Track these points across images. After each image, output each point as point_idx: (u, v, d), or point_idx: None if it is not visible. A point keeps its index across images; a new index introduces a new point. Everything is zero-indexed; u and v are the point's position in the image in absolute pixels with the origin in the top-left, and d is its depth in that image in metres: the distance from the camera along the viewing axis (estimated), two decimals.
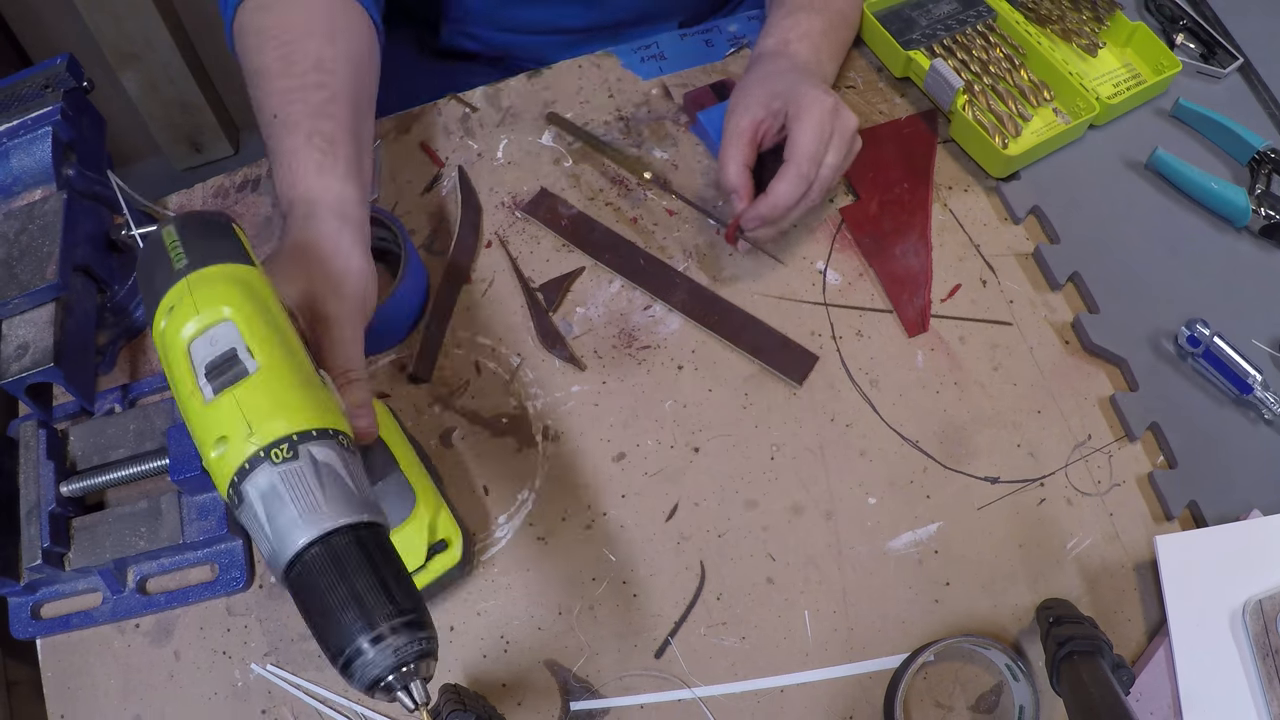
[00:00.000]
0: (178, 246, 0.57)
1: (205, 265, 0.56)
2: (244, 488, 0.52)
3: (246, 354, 0.54)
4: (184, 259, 0.57)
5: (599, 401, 0.87)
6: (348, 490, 0.52)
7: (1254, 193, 0.97)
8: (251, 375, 0.53)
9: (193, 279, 0.56)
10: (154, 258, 0.58)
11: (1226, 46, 1.09)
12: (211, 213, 0.60)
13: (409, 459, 0.77)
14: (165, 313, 0.56)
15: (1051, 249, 0.94)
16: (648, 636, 0.78)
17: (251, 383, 0.53)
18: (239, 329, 0.54)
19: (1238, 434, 0.86)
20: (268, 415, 0.52)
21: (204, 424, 0.53)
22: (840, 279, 0.93)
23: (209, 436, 0.53)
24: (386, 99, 1.08)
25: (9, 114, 0.84)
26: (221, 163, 2.36)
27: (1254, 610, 0.75)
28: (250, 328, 0.55)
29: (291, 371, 0.55)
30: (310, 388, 0.55)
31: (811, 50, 0.95)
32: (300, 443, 0.52)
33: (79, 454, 0.82)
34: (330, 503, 0.51)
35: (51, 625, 0.79)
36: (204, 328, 0.54)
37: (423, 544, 0.74)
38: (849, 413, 0.87)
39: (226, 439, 0.52)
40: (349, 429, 0.56)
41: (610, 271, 0.93)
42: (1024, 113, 1.00)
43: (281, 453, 0.52)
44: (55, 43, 2.05)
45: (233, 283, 0.56)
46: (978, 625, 0.79)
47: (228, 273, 0.57)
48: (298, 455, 0.52)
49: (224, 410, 0.53)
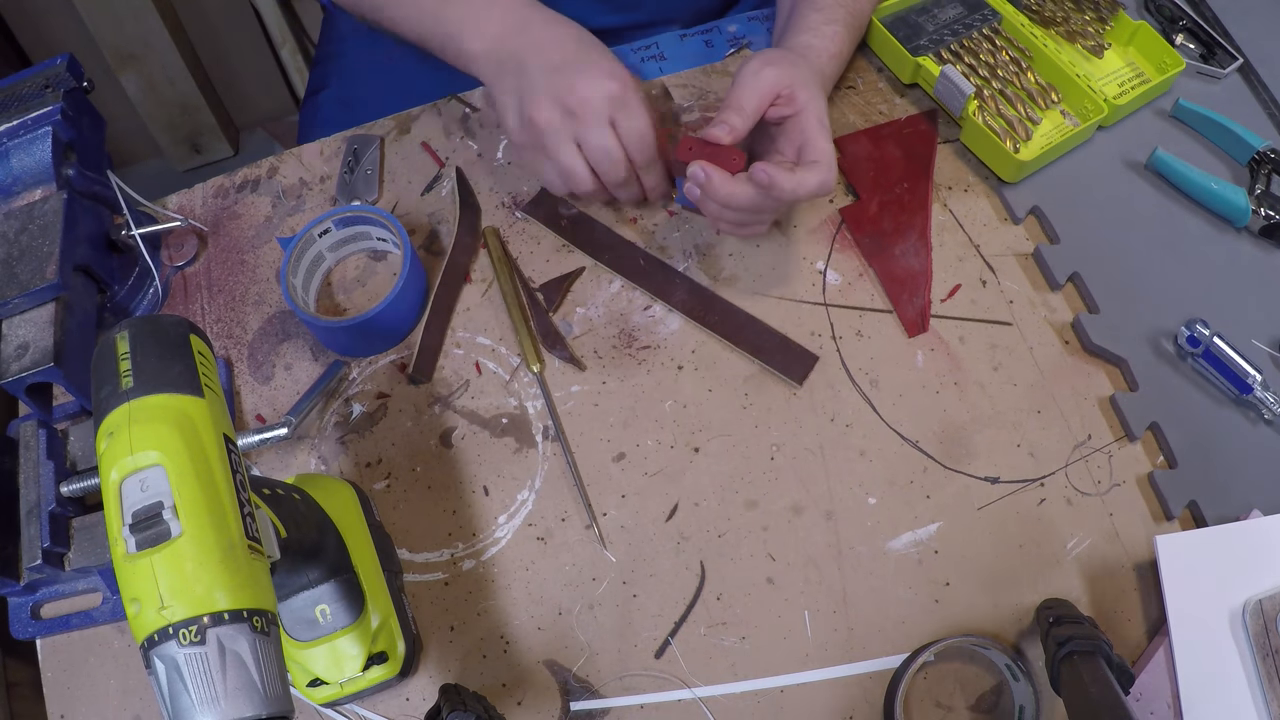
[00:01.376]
0: (127, 360, 0.56)
1: (150, 393, 0.55)
2: (151, 655, 0.50)
3: (172, 513, 0.52)
4: (130, 379, 0.55)
5: (599, 401, 0.87)
6: (250, 683, 0.51)
7: (1254, 193, 0.97)
8: (173, 540, 0.51)
9: (134, 407, 0.54)
10: (103, 366, 0.56)
11: (1226, 46, 1.09)
12: (170, 320, 0.58)
13: (366, 558, 0.76)
14: (105, 435, 0.55)
15: (1051, 249, 0.94)
16: (648, 636, 0.78)
17: (172, 549, 0.52)
18: (169, 481, 0.53)
19: (1237, 434, 0.86)
20: (180, 591, 0.51)
21: (123, 577, 0.52)
22: (840, 279, 0.93)
23: (126, 592, 0.52)
24: (387, 98, 1.08)
25: (9, 114, 0.85)
26: (221, 163, 2.35)
27: (1254, 610, 0.75)
28: (181, 481, 0.53)
29: (215, 541, 0.53)
30: (230, 561, 0.53)
31: (835, 71, 0.96)
32: (210, 626, 0.51)
33: (79, 454, 0.82)
34: (230, 696, 0.50)
35: (51, 625, 0.79)
36: (136, 469, 0.53)
37: (362, 653, 0.73)
38: (849, 413, 0.87)
39: (140, 602, 0.51)
40: (270, 604, 0.54)
41: (610, 272, 0.93)
42: (1033, 116, 1.00)
43: (189, 634, 0.50)
44: (55, 43, 2.06)
45: (173, 423, 0.55)
46: (978, 625, 0.79)
47: (171, 407, 0.55)
48: (205, 640, 0.50)
49: (141, 573, 0.51)
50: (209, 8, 2.13)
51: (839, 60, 0.96)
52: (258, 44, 2.20)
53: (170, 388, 0.56)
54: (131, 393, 0.55)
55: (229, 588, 0.52)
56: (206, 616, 0.50)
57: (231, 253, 0.96)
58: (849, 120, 1.02)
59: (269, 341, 0.91)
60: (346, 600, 0.73)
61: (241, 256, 0.95)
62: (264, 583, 0.55)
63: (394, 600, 0.75)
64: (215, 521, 0.53)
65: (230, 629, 0.51)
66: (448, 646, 0.78)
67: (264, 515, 0.60)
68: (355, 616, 0.73)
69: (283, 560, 0.60)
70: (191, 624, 0.50)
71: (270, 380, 0.89)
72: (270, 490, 0.65)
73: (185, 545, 0.52)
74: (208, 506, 0.53)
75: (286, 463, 0.85)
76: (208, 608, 0.51)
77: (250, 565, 0.54)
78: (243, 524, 0.54)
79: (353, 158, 0.99)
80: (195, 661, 0.50)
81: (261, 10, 2.08)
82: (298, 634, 0.72)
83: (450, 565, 0.81)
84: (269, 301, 0.93)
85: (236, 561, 0.53)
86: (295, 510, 0.67)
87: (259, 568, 0.55)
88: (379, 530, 0.80)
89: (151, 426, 0.54)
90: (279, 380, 0.89)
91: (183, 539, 0.52)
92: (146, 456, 0.53)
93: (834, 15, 0.96)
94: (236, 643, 0.51)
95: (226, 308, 0.93)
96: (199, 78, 2.19)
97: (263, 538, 0.57)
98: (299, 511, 0.67)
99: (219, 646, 0.51)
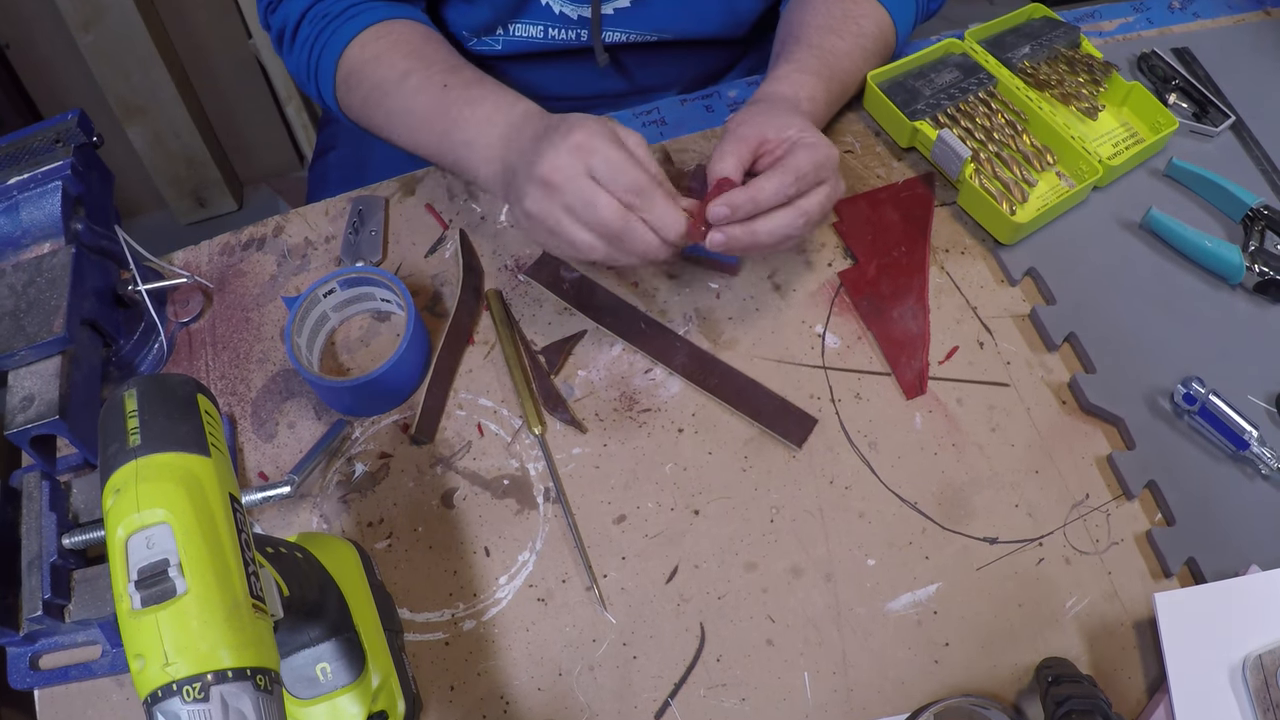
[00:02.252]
0: (134, 418, 0.57)
1: (156, 451, 0.56)
2: (154, 711, 0.51)
3: (178, 571, 0.53)
4: (138, 437, 0.56)
5: (600, 464, 0.88)
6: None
7: (1247, 250, 0.98)
8: (179, 598, 0.53)
9: (141, 465, 0.55)
10: (111, 423, 0.57)
11: (1218, 105, 1.11)
12: (178, 380, 0.59)
13: (367, 617, 0.76)
14: (112, 492, 0.55)
15: (1047, 310, 0.95)
16: (647, 698, 0.78)
17: (177, 607, 0.52)
18: (175, 538, 0.54)
19: (1235, 490, 0.87)
20: (186, 649, 0.52)
21: (128, 632, 0.53)
22: (839, 342, 0.94)
23: (130, 647, 0.53)
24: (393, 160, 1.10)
25: (20, 167, 0.86)
26: (225, 218, 2.38)
27: (1254, 665, 0.75)
28: (187, 539, 0.54)
29: (220, 600, 0.54)
30: (235, 619, 0.54)
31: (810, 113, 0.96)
32: (214, 684, 0.52)
33: (81, 506, 0.82)
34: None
35: (50, 676, 0.79)
36: (143, 526, 0.54)
37: (362, 712, 0.72)
38: (848, 475, 0.87)
39: (144, 658, 0.52)
40: (274, 662, 0.55)
41: (611, 335, 0.94)
42: (1029, 178, 1.02)
43: (193, 691, 0.51)
44: (63, 94, 2.09)
45: (179, 481, 0.56)
46: (977, 685, 0.79)
47: (177, 466, 0.56)
48: (208, 698, 0.51)
49: (146, 629, 0.52)
50: (216, 63, 2.16)
51: (812, 103, 0.96)
52: (263, 100, 2.23)
53: (177, 446, 0.57)
54: (139, 450, 0.56)
55: (233, 646, 0.53)
56: (210, 674, 0.51)
57: (236, 310, 0.97)
58: (847, 184, 1.03)
59: (272, 399, 0.91)
60: (347, 659, 0.73)
61: (246, 314, 0.96)
62: (268, 641, 0.55)
63: (394, 659, 0.75)
64: (220, 580, 0.54)
65: (234, 687, 0.52)
66: (448, 706, 0.78)
67: (267, 574, 0.60)
68: (356, 675, 0.73)
69: (285, 618, 0.60)
70: (195, 681, 0.51)
71: (273, 438, 0.89)
72: (274, 549, 0.66)
73: (190, 603, 0.52)
74: (213, 565, 0.54)
75: (289, 520, 0.85)
76: (212, 665, 0.51)
77: (254, 624, 0.55)
78: (247, 582, 0.55)
79: (358, 218, 1.00)
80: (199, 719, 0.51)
81: (268, 66, 2.11)
82: (298, 691, 0.72)
83: (451, 625, 0.81)
84: (273, 359, 0.94)
85: (241, 620, 0.54)
86: (298, 569, 0.67)
87: (263, 626, 0.55)
88: (380, 590, 0.80)
89: (158, 484, 0.55)
90: (282, 438, 0.89)
91: (188, 597, 0.52)
92: (153, 514, 0.54)
93: (807, 65, 0.98)
94: (240, 700, 0.52)
95: (231, 365, 0.93)
96: (205, 132, 2.22)
97: (266, 596, 0.57)
98: (301, 570, 0.68)
99: (222, 704, 0.51)
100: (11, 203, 0.85)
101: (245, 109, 2.26)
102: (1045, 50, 1.12)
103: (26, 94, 2.07)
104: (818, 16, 1.02)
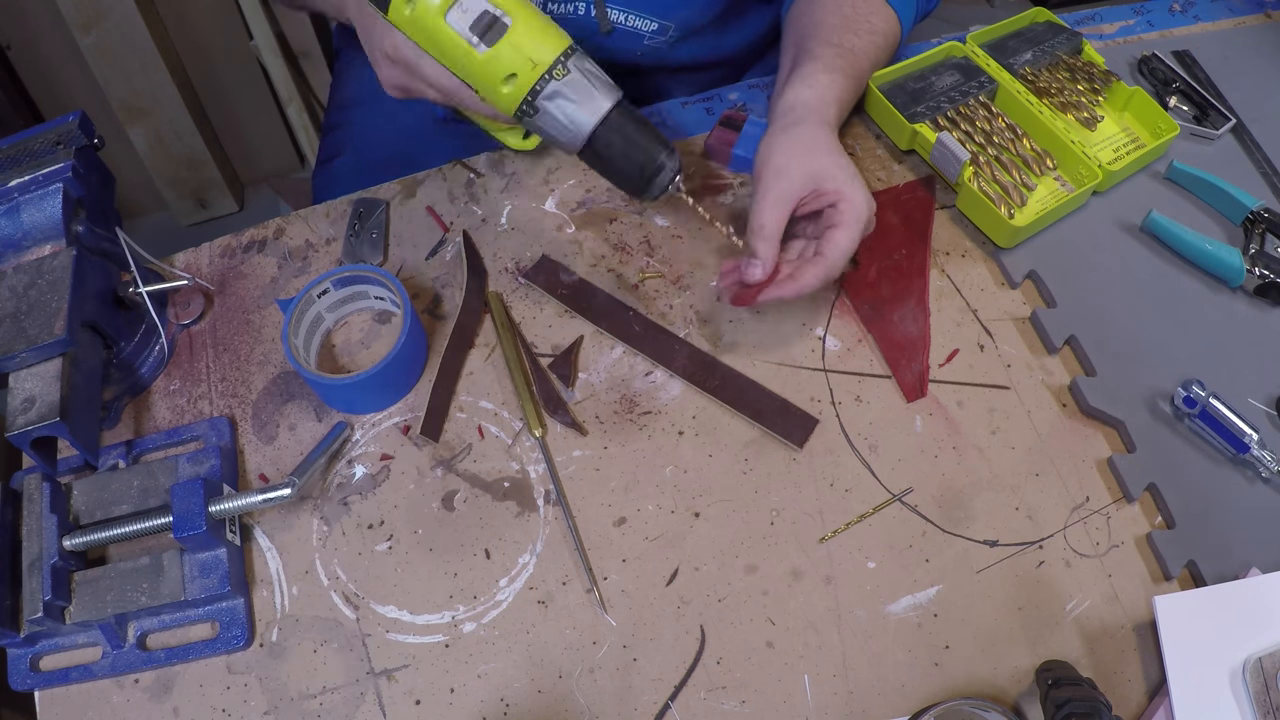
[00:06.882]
0: None
1: None
2: (539, 103, 0.78)
3: (499, 11, 0.76)
4: None
5: (600, 466, 0.88)
6: (604, 81, 0.80)
7: (1248, 252, 0.98)
8: (512, 26, 0.76)
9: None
10: None
11: (1219, 108, 1.11)
12: None
13: None
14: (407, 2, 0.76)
15: (1048, 313, 0.95)
16: (648, 700, 0.78)
17: (515, 31, 0.76)
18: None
19: (1235, 493, 0.87)
20: (539, 49, 0.77)
21: (489, 69, 0.77)
22: (839, 345, 0.94)
23: (496, 77, 0.77)
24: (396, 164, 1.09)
25: (21, 169, 0.86)
26: (226, 219, 2.37)
27: (1254, 668, 0.75)
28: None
29: (534, 14, 0.78)
30: (548, 22, 0.79)
31: (838, 117, 0.97)
32: (567, 59, 0.78)
33: (82, 508, 0.82)
34: (600, 92, 0.79)
35: (50, 678, 0.79)
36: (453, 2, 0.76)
37: None
38: (848, 477, 0.87)
39: (515, 74, 0.77)
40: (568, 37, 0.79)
41: (611, 338, 0.94)
42: (1028, 182, 1.02)
43: (561, 70, 0.78)
44: (65, 95, 2.09)
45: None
46: (977, 688, 0.79)
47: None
48: (569, 70, 0.78)
49: (505, 55, 0.77)
50: (217, 64, 2.16)
51: (839, 105, 0.97)
52: (264, 101, 2.24)
53: None
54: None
55: (559, 35, 0.79)
56: (561, 54, 0.78)
57: (237, 312, 0.97)
58: None
59: (273, 402, 0.91)
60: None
61: (247, 316, 0.96)
62: None
63: None
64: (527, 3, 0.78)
65: (576, 58, 0.79)
66: (448, 709, 0.78)
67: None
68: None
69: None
70: (557, 64, 0.78)
71: (274, 440, 0.89)
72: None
73: (521, 23, 0.77)
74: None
75: (289, 523, 0.85)
76: (560, 49, 0.78)
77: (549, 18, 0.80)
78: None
79: (358, 221, 1.00)
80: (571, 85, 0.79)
81: (269, 68, 2.11)
82: None
83: (451, 628, 0.81)
84: (273, 362, 0.94)
85: (549, 20, 0.79)
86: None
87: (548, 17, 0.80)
88: None
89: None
90: (283, 440, 0.89)
91: (517, 22, 0.77)
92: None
93: (832, 64, 0.98)
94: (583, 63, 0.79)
95: (231, 367, 0.94)
96: (206, 133, 2.22)
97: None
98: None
99: (579, 69, 0.79)
100: (12, 205, 0.85)
101: (246, 110, 2.26)
102: (1047, 56, 1.12)
103: (28, 95, 2.07)
104: (832, 15, 1.02)
